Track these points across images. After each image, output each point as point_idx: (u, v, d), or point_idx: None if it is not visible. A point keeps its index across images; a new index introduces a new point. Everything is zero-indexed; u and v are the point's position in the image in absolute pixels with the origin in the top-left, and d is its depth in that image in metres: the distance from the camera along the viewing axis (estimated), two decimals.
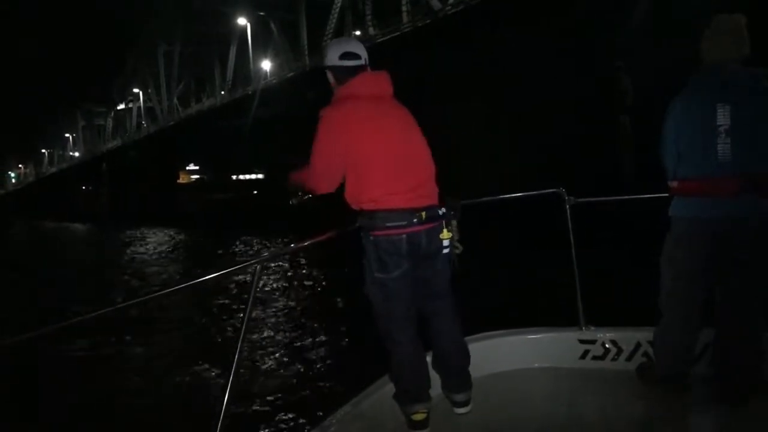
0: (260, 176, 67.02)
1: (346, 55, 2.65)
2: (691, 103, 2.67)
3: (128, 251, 27.82)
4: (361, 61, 2.67)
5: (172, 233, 35.90)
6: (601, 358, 3.22)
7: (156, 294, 2.25)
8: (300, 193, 2.77)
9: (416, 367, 2.65)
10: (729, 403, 2.70)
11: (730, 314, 2.71)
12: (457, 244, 2.69)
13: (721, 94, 2.59)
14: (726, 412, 2.70)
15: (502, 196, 3.52)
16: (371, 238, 2.54)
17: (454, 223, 2.67)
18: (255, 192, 56.84)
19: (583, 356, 3.25)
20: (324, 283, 14.35)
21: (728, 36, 2.66)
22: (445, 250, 2.61)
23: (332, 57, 2.68)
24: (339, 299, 12.15)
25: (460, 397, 2.75)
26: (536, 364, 3.26)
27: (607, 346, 3.22)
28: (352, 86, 2.60)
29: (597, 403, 2.94)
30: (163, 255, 25.67)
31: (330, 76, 2.70)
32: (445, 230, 2.59)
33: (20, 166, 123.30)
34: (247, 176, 69.00)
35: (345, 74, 2.63)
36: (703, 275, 2.72)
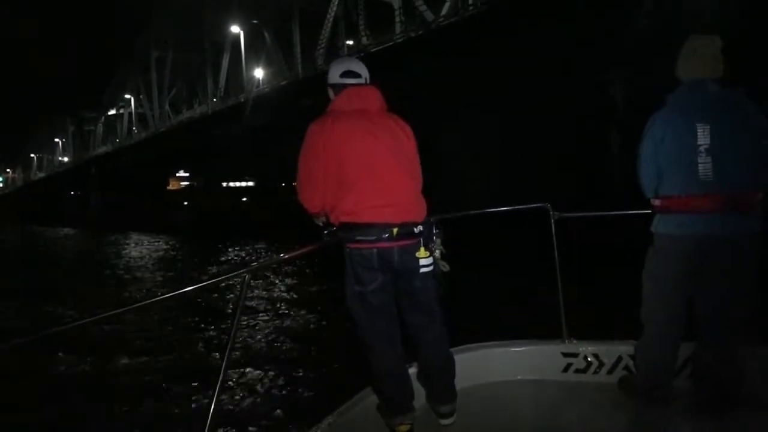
0: (251, 184, 66.97)
1: (346, 74, 2.72)
2: (671, 122, 2.72)
3: (116, 257, 27.61)
4: (362, 80, 2.72)
5: (161, 240, 35.65)
6: (584, 371, 3.27)
7: (143, 302, 2.23)
8: (322, 225, 2.75)
9: (398, 378, 2.67)
10: (709, 416, 2.75)
11: (710, 328, 2.77)
12: (444, 263, 2.70)
13: (701, 114, 2.65)
14: (706, 425, 2.75)
15: (488, 210, 3.57)
16: (347, 251, 2.59)
17: (438, 241, 2.68)
18: (245, 200, 56.84)
19: (566, 369, 3.29)
20: (308, 293, 14.28)
21: (705, 57, 2.73)
22: (425, 269, 2.59)
23: (334, 75, 2.75)
24: (323, 310, 12.10)
25: (445, 409, 2.76)
26: (520, 376, 3.30)
27: (589, 359, 3.26)
28: (337, 101, 2.67)
29: (579, 415, 2.98)
30: (152, 262, 25.51)
31: (331, 93, 2.76)
32: (422, 249, 2.57)
33: (8, 170, 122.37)
34: (238, 183, 68.87)
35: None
36: (684, 290, 2.78)
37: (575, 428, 2.89)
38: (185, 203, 57.93)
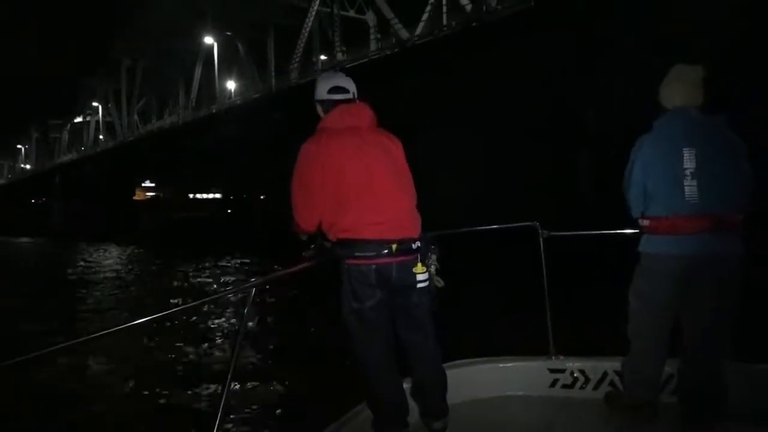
0: (218, 196, 66.27)
1: (334, 90, 2.72)
2: (659, 146, 2.84)
3: (82, 270, 26.97)
4: (350, 95, 2.73)
5: (127, 252, 35.01)
6: (570, 386, 3.33)
7: (145, 319, 2.15)
8: (312, 245, 2.77)
9: (393, 395, 2.67)
10: (694, 431, 2.84)
11: (695, 345, 2.86)
12: (439, 279, 2.73)
13: (687, 139, 2.77)
14: None
15: (477, 228, 3.62)
16: (344, 267, 2.58)
17: (433, 257, 2.71)
18: (213, 213, 56.15)
19: (553, 384, 3.35)
20: (302, 310, 14.12)
21: (689, 85, 2.87)
22: (422, 284, 2.61)
23: (321, 91, 2.74)
24: (317, 327, 11.91)
25: (437, 425, 2.77)
26: (507, 392, 3.34)
27: (575, 375, 3.32)
28: (329, 119, 2.68)
29: (566, 430, 3.03)
30: (121, 275, 24.95)
31: (319, 109, 2.76)
32: (419, 264, 2.59)
33: None
34: (205, 195, 68.11)
35: (332, 108, 2.70)
36: (670, 308, 2.87)
37: None
38: (152, 214, 56.98)
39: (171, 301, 17.02)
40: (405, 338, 2.70)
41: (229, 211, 51.56)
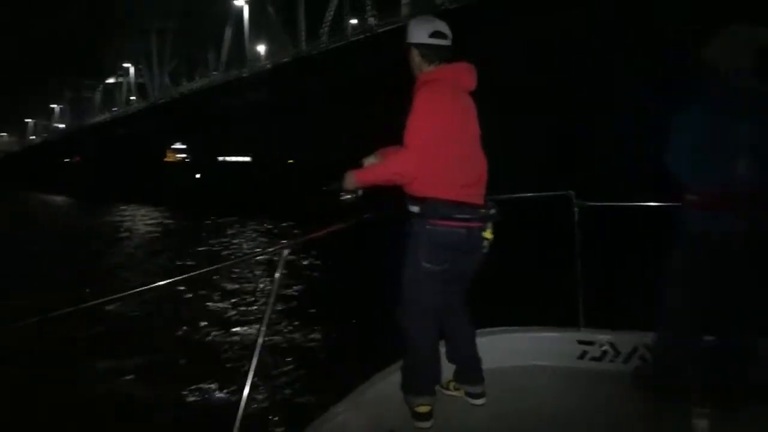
0: (247, 159, 66.72)
1: (436, 34, 2.60)
2: (711, 117, 2.67)
3: (116, 229, 27.50)
4: (449, 42, 2.63)
5: (157, 212, 35.60)
6: (599, 359, 3.31)
7: (175, 279, 2.23)
8: (354, 192, 2.68)
9: (432, 360, 2.69)
10: (724, 409, 2.79)
11: (727, 324, 2.80)
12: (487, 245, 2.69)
13: (742, 110, 2.61)
14: (721, 417, 2.79)
15: (512, 195, 3.55)
16: (428, 226, 2.51)
17: (490, 223, 2.68)
18: (242, 174, 56.62)
19: (581, 357, 3.33)
20: (335, 270, 14.12)
21: (749, 50, 2.67)
22: (484, 249, 2.63)
23: (420, 34, 2.61)
24: (349, 287, 11.98)
25: (477, 389, 2.80)
26: (536, 362, 3.33)
27: (604, 348, 3.30)
28: (450, 73, 2.60)
29: (593, 403, 3.00)
30: (152, 235, 25.46)
31: (415, 53, 2.64)
32: (488, 230, 2.60)
33: (2, 134, 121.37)
34: (234, 158, 68.60)
35: (434, 53, 2.60)
36: (708, 285, 2.78)
37: (589, 415, 2.91)
38: (182, 175, 57.69)
39: (201, 260, 17.38)
40: (448, 303, 2.71)
41: (257, 173, 51.91)
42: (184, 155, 75.62)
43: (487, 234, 2.59)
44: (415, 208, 2.54)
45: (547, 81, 19.49)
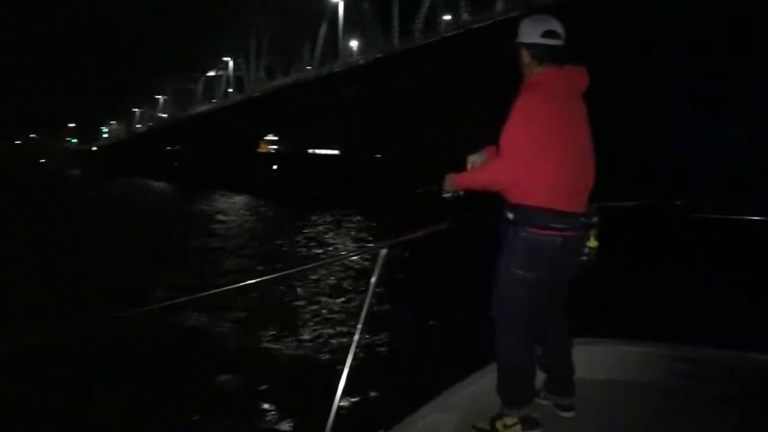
0: (335, 152, 67.98)
1: (548, 34, 2.49)
2: None
3: (212, 216, 28.74)
4: (561, 41, 2.51)
5: (252, 202, 37.00)
6: (697, 377, 3.04)
7: (275, 276, 2.36)
8: (455, 192, 2.67)
9: (524, 370, 2.62)
10: None
11: None
12: (591, 253, 2.64)
13: None
14: None
15: (622, 203, 3.42)
16: (524, 234, 2.47)
17: (593, 231, 2.62)
18: (330, 167, 57.80)
19: (677, 374, 3.08)
20: (433, 271, 13.91)
21: None
22: (585, 257, 2.57)
23: (532, 34, 2.51)
24: (441, 288, 12.07)
25: (568, 401, 2.73)
26: (630, 377, 3.12)
27: (711, 368, 3.04)
28: (556, 75, 2.51)
29: (687, 425, 2.77)
30: (247, 225, 26.34)
31: (525, 53, 2.55)
32: (592, 238, 2.55)
33: (112, 122, 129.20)
34: (323, 151, 70.07)
35: (546, 54, 2.50)
36: None
37: None
38: (274, 167, 59.56)
39: (297, 251, 17.94)
40: (544, 311, 2.65)
41: (345, 167, 52.86)
42: (275, 146, 78.02)
43: (591, 242, 2.54)
44: (510, 215, 2.51)
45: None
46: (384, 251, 2.41)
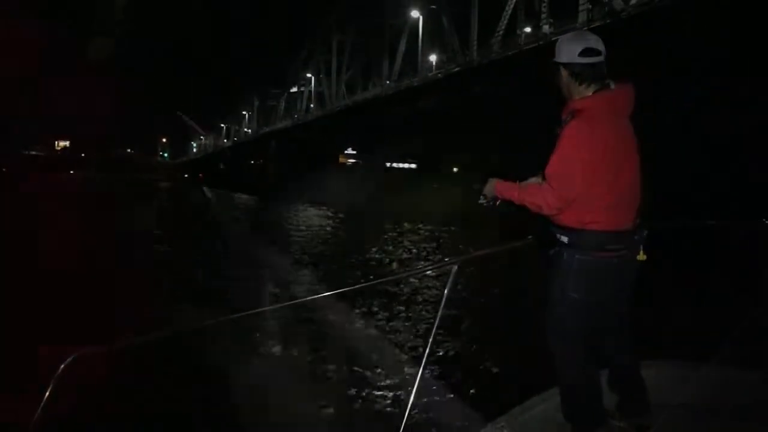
0: (413, 166, 68.31)
1: (586, 52, 2.47)
2: None
3: (297, 228, 29.79)
4: (602, 58, 2.49)
5: (331, 214, 37.98)
6: None
7: (353, 288, 2.48)
8: (493, 199, 2.67)
9: (586, 390, 2.59)
10: None
11: None
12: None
13: None
14: None
15: (699, 222, 3.34)
16: (580, 257, 2.48)
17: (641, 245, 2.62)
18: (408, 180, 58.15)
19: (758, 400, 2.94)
20: (504, 287, 14.03)
21: None
22: (637, 273, 2.59)
23: (571, 53, 2.50)
24: (516, 307, 11.91)
25: (644, 421, 2.68)
26: (704, 401, 2.99)
27: None
28: (604, 102, 2.48)
29: None
30: (327, 237, 27.34)
31: (564, 74, 2.54)
32: (642, 252, 2.56)
33: (201, 137, 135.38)
34: (401, 165, 70.58)
35: (585, 72, 2.49)
36: None
37: None
38: (355, 179, 60.53)
39: (371, 264, 18.34)
40: (603, 329, 2.65)
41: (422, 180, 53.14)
42: (354, 160, 79.35)
43: (640, 256, 2.54)
44: (564, 238, 2.51)
45: None
46: (455, 268, 2.45)
